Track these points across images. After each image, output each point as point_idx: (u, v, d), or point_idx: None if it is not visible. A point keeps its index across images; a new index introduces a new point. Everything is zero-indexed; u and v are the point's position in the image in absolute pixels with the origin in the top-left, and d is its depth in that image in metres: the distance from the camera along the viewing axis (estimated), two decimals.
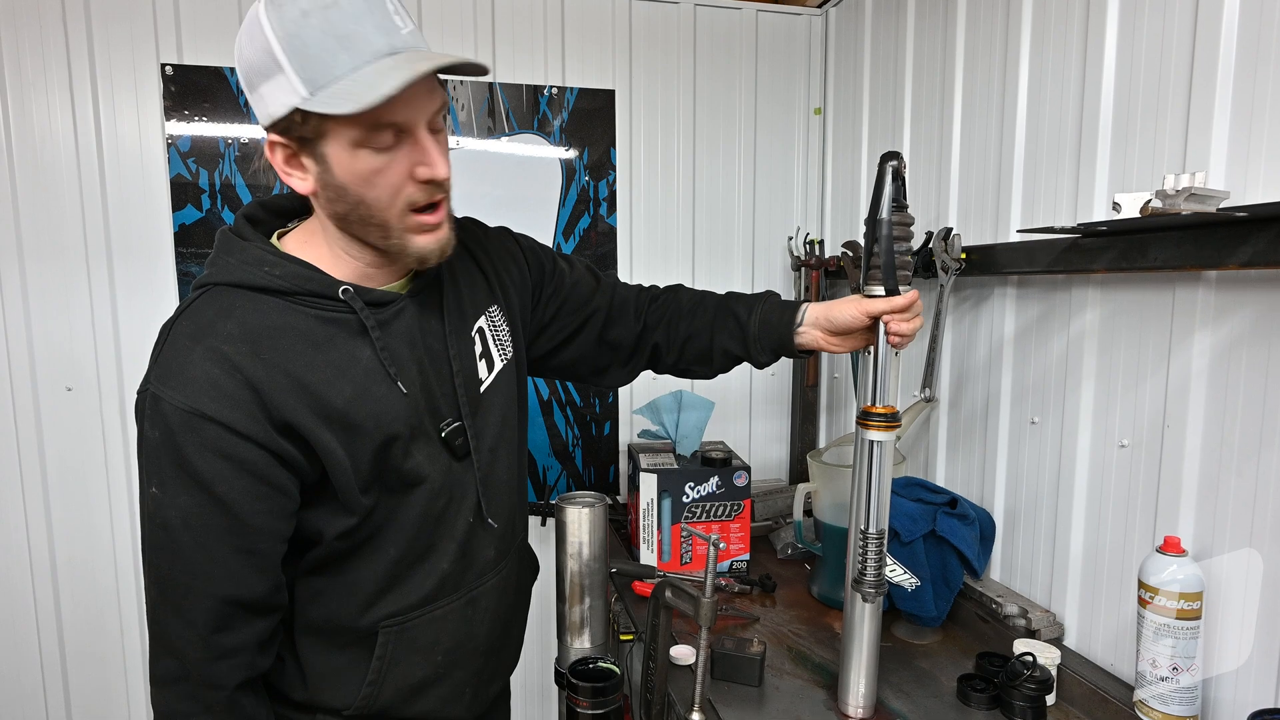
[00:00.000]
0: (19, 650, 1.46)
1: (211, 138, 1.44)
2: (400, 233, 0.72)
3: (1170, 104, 0.89)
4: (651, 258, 1.71)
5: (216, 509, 0.68)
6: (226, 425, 0.67)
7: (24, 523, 1.43)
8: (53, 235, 1.39)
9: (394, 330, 0.76)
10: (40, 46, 1.35)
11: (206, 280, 0.74)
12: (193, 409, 0.66)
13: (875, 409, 0.87)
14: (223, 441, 0.67)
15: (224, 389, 0.67)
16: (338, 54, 0.63)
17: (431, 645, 0.82)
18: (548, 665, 1.72)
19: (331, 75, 0.63)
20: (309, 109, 0.64)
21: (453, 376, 0.81)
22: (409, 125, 0.68)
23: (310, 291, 0.72)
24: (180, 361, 0.68)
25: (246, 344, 0.69)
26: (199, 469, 0.66)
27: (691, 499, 1.34)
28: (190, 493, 0.67)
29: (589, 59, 1.62)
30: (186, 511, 0.67)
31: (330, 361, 0.72)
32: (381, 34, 0.64)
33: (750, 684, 0.99)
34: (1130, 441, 0.96)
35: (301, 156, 0.69)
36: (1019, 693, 0.90)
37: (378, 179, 0.68)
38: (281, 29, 0.63)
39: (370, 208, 0.69)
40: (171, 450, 0.67)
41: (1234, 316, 0.83)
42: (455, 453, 0.80)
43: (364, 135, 0.66)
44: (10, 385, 1.40)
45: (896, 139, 1.45)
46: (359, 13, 0.64)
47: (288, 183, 0.71)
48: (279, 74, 0.64)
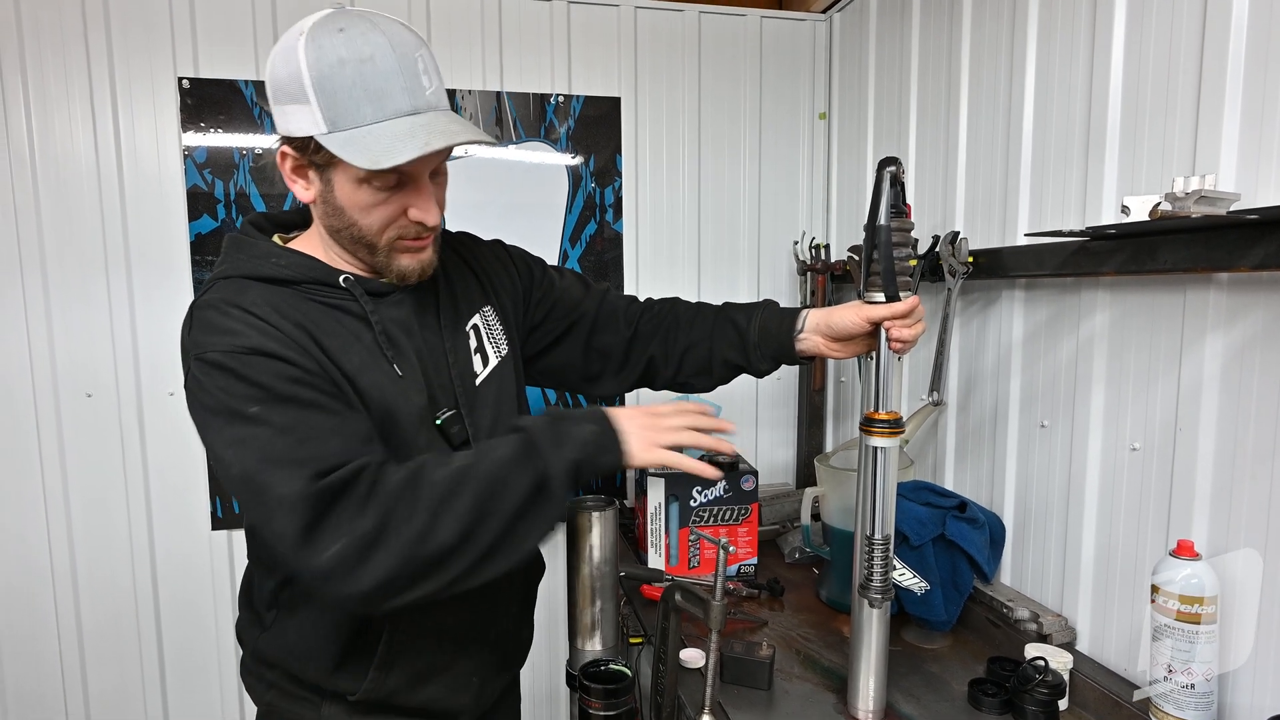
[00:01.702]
0: (39, 652, 1.48)
1: (227, 148, 1.47)
2: (386, 253, 0.77)
3: (1179, 105, 0.88)
4: (658, 263, 1.72)
5: (314, 411, 0.69)
6: (285, 359, 0.70)
7: (45, 527, 1.46)
8: (74, 245, 1.42)
9: (392, 318, 0.81)
10: (63, 63, 1.39)
11: (218, 275, 0.78)
12: (248, 348, 0.69)
13: (878, 415, 0.87)
14: (288, 371, 0.70)
15: (270, 333, 0.71)
16: (363, 105, 0.69)
17: (438, 632, 0.84)
18: (558, 668, 1.73)
19: (353, 121, 0.69)
20: (325, 144, 0.69)
21: (449, 368, 0.84)
22: (414, 174, 0.74)
23: (314, 279, 0.77)
24: (218, 324, 0.71)
25: (270, 307, 0.73)
26: (282, 391, 0.68)
27: (699, 503, 1.35)
28: (287, 408, 0.68)
29: (595, 67, 1.64)
30: (287, 423, 0.68)
31: (339, 334, 0.76)
32: (406, 95, 0.70)
33: (760, 687, 0.99)
34: (1142, 445, 0.95)
35: (309, 171, 0.75)
36: (1031, 697, 0.90)
37: (375, 210, 0.74)
38: (316, 69, 0.68)
39: (361, 230, 0.75)
40: (248, 385, 0.68)
41: (1246, 319, 0.82)
42: (451, 441, 0.82)
43: (370, 176, 0.71)
44: (33, 391, 1.43)
45: (902, 142, 1.45)
46: (390, 73, 0.69)
47: (292, 188, 0.77)
48: (304, 104, 0.69)
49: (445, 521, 0.66)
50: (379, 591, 0.65)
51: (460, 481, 0.67)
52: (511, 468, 0.69)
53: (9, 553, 1.45)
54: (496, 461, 0.69)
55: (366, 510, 0.65)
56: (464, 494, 0.67)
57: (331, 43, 0.68)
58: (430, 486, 0.67)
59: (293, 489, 0.64)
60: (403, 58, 0.70)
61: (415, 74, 0.71)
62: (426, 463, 0.70)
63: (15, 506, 1.44)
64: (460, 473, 0.68)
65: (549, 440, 0.70)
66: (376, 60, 0.68)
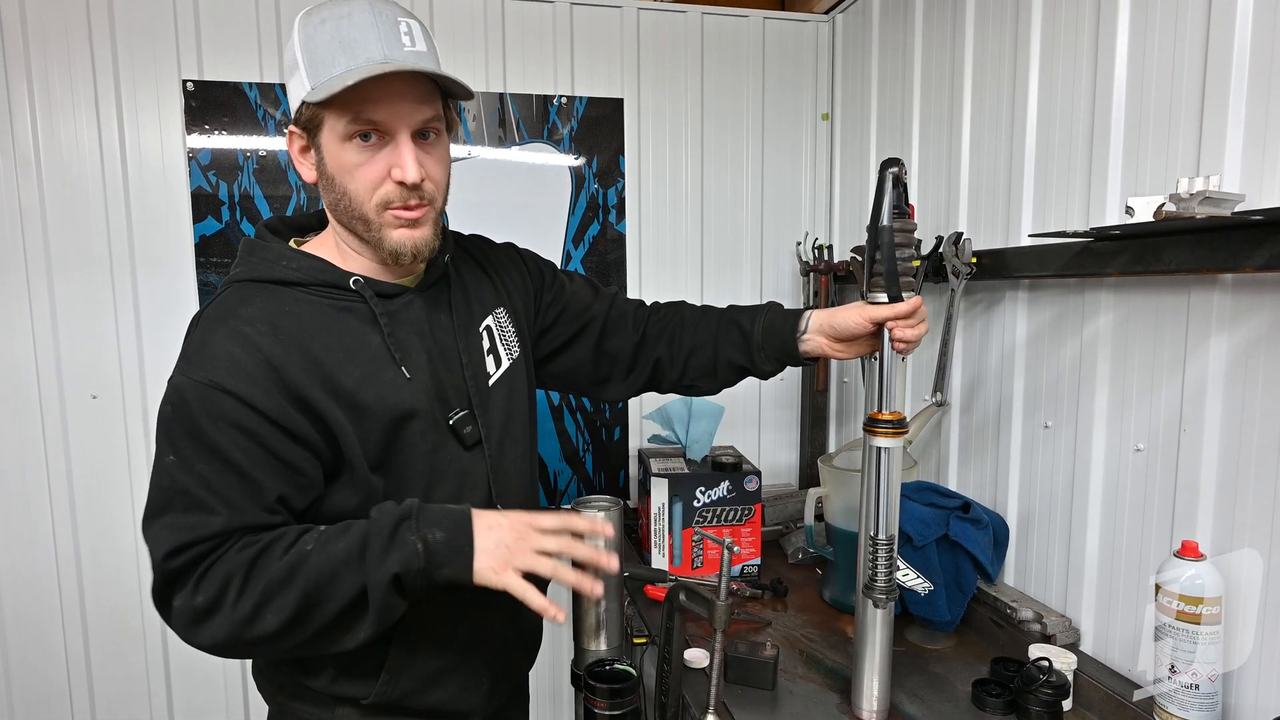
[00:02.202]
0: (46, 650, 1.49)
1: (231, 150, 1.47)
2: (379, 226, 0.77)
3: (1183, 104, 0.88)
4: (660, 263, 1.72)
5: (230, 473, 0.70)
6: (241, 399, 0.70)
7: (50, 526, 1.46)
8: (79, 248, 1.43)
9: (402, 320, 0.81)
10: (68, 67, 1.39)
11: (231, 278, 0.79)
12: (211, 382, 0.70)
13: (882, 415, 0.87)
14: (237, 413, 0.70)
15: (242, 366, 0.71)
16: (337, 56, 0.71)
17: (446, 637, 0.84)
18: (562, 668, 1.73)
19: (329, 73, 0.71)
20: (307, 100, 0.72)
21: (462, 369, 0.84)
22: (389, 128, 0.74)
23: (324, 282, 0.78)
24: (204, 342, 0.73)
25: (266, 324, 0.74)
26: (214, 438, 0.70)
27: (702, 504, 1.35)
28: (205, 460, 0.70)
29: (598, 68, 1.64)
30: (203, 476, 0.70)
31: (342, 345, 0.76)
32: (380, 45, 0.71)
33: (764, 687, 0.99)
34: (1146, 446, 0.95)
35: (310, 149, 0.77)
36: (1035, 698, 0.90)
37: (358, 172, 0.74)
38: (303, 35, 0.72)
39: (351, 199, 0.76)
40: (187, 421, 0.70)
41: (1251, 320, 0.82)
42: (464, 441, 0.82)
43: (348, 129, 0.72)
44: (39, 393, 1.43)
45: (905, 143, 1.45)
46: (365, 25, 0.71)
47: (299, 170, 0.79)
48: (297, 72, 0.72)
49: (269, 611, 0.69)
50: (215, 652, 0.72)
51: (293, 574, 0.69)
52: (340, 567, 0.69)
53: (16, 552, 1.46)
54: (330, 558, 0.69)
55: (202, 586, 0.69)
56: (292, 589, 0.69)
57: (320, 14, 0.72)
58: (265, 574, 0.69)
59: (155, 551, 0.70)
60: (380, 14, 0.72)
61: (396, 33, 0.72)
62: (272, 544, 0.71)
63: (21, 506, 1.45)
64: (295, 564, 0.69)
65: (379, 546, 0.69)
66: (354, 16, 0.71)
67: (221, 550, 0.70)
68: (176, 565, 0.69)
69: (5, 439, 1.43)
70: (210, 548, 0.70)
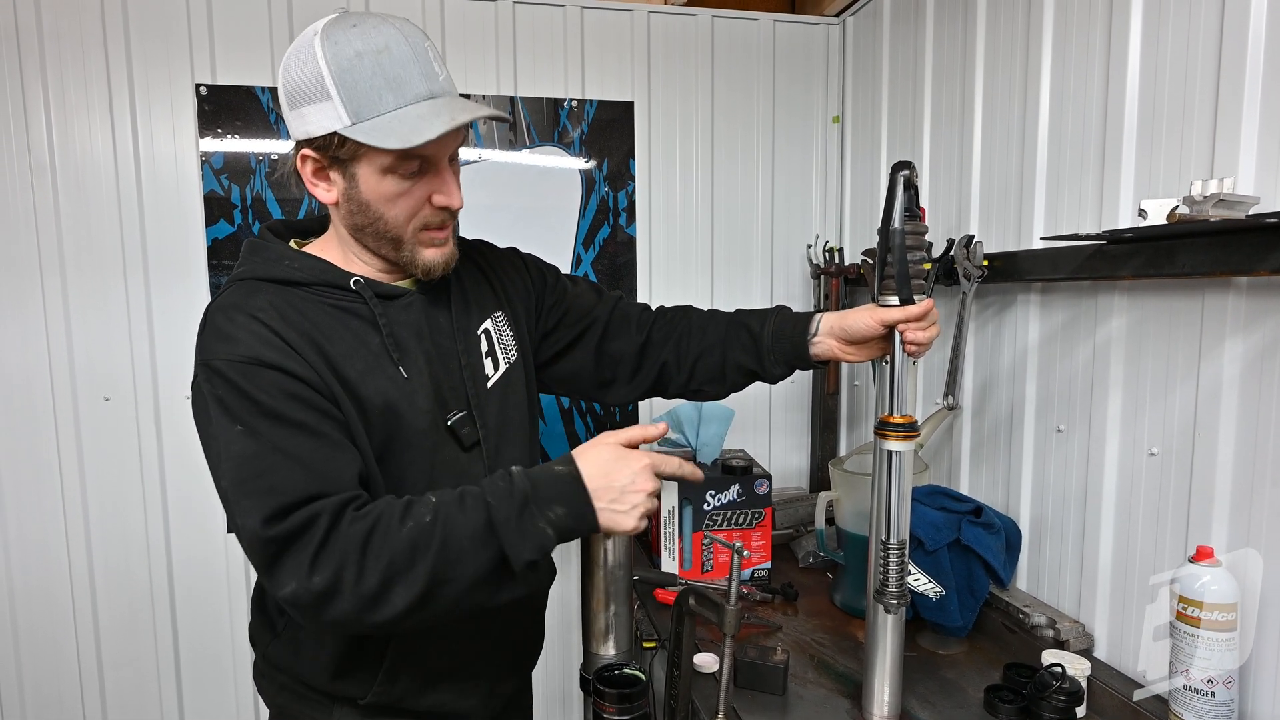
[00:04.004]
0: (57, 652, 1.50)
1: (243, 154, 1.49)
2: (412, 246, 0.79)
3: (1197, 106, 0.88)
4: (671, 266, 1.72)
5: (302, 434, 0.70)
6: (283, 369, 0.71)
7: (63, 528, 1.47)
8: (92, 250, 1.44)
9: (401, 321, 0.82)
10: (82, 71, 1.41)
11: (235, 277, 0.80)
12: (250, 358, 0.71)
13: (893, 419, 0.87)
14: (284, 382, 0.71)
15: (271, 342, 0.72)
16: (384, 93, 0.71)
17: (445, 638, 0.84)
18: (571, 671, 1.73)
19: (375, 110, 0.71)
20: (350, 136, 0.71)
21: (461, 370, 0.84)
22: (435, 159, 0.76)
23: (325, 282, 0.79)
24: (224, 330, 0.73)
25: (275, 313, 0.75)
26: (271, 405, 0.70)
27: (712, 507, 1.35)
28: (270, 426, 0.70)
29: (608, 71, 1.64)
30: (275, 441, 0.69)
31: (345, 339, 0.77)
32: (424, 80, 0.73)
33: (774, 692, 0.99)
34: (1160, 450, 0.95)
35: (330, 171, 0.76)
36: (1048, 704, 0.89)
37: (400, 200, 0.76)
38: (335, 64, 0.71)
39: (388, 224, 0.77)
40: (241, 397, 0.70)
41: (1266, 323, 0.82)
42: (462, 443, 0.83)
43: (394, 163, 0.73)
44: (52, 395, 1.45)
45: (916, 146, 1.45)
46: (405, 60, 0.72)
47: (313, 192, 0.78)
48: (326, 101, 0.71)
49: (397, 591, 0.67)
50: (335, 629, 0.70)
51: (416, 548, 0.67)
52: (467, 543, 0.68)
53: (28, 554, 1.47)
54: (454, 534, 0.68)
55: (318, 565, 0.66)
56: (418, 566, 0.67)
57: (347, 37, 0.71)
58: (385, 552, 0.67)
59: (251, 525, 0.67)
60: (414, 46, 0.73)
61: (428, 61, 0.74)
62: (384, 515, 0.69)
63: (34, 509, 1.46)
64: (416, 541, 0.67)
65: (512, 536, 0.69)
66: (392, 50, 0.71)
67: (319, 524, 0.67)
68: (277, 533, 0.66)
69: (19, 441, 1.44)
70: (308, 516, 0.67)
